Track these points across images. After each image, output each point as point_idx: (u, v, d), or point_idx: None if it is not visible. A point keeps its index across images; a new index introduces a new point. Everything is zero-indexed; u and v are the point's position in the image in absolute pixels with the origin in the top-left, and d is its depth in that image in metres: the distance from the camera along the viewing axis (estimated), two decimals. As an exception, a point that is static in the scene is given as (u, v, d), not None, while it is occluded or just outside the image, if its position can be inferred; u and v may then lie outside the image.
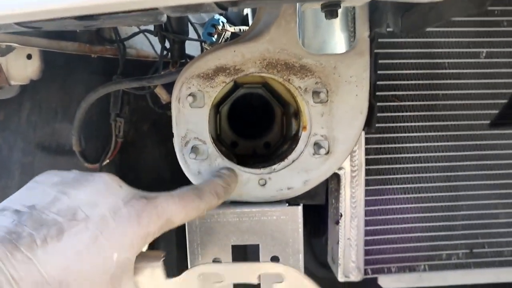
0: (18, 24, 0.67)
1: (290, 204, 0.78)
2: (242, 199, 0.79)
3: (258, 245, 0.78)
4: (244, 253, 0.78)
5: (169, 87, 1.14)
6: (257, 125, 1.00)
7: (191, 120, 0.76)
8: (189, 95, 0.76)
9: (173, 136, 0.81)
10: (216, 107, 0.96)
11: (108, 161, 1.10)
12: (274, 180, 0.78)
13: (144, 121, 1.18)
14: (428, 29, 0.94)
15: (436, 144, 0.97)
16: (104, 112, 1.12)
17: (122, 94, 1.08)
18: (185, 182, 0.78)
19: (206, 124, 0.77)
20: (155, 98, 1.13)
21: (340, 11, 0.66)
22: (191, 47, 1.16)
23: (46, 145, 1.10)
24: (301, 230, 0.78)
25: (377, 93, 0.84)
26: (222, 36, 0.97)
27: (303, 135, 0.79)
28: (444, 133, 0.97)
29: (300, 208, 0.77)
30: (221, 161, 0.77)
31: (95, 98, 0.99)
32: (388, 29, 0.75)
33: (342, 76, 0.78)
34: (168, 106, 1.12)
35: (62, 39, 1.01)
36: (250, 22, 1.25)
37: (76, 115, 1.02)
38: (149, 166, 1.19)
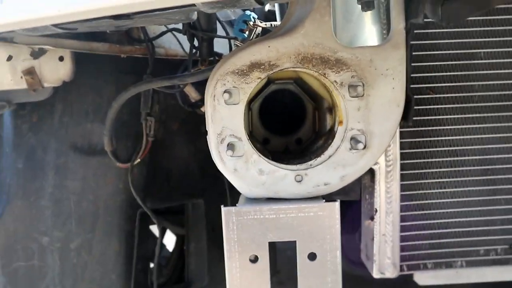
0: (55, 25, 0.68)
1: (326, 201, 0.77)
2: (279, 195, 0.78)
3: (295, 242, 0.77)
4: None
5: (197, 86, 1.14)
6: (288, 122, 1.00)
7: (227, 117, 0.76)
8: (225, 92, 0.75)
9: (205, 133, 0.81)
10: (248, 104, 0.96)
11: (139, 160, 1.11)
12: (311, 176, 0.78)
13: (173, 120, 1.19)
14: (463, 19, 0.92)
15: (473, 136, 0.94)
16: (134, 112, 1.13)
17: (153, 94, 1.09)
18: (215, 179, 0.78)
19: (242, 120, 0.76)
20: (184, 97, 1.13)
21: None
22: (218, 45, 1.16)
23: (79, 145, 1.11)
24: (338, 226, 0.77)
25: (411, 86, 0.83)
26: (254, 32, 0.96)
27: (340, 130, 0.78)
28: (481, 125, 0.94)
29: (337, 204, 0.76)
30: (257, 158, 0.77)
31: (126, 97, 0.99)
32: (425, 19, 0.73)
33: (378, 69, 0.77)
34: (197, 104, 1.12)
35: (93, 40, 1.02)
36: (278, 17, 1.24)
37: (108, 115, 1.03)
38: (179, 165, 1.20)
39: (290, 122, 1.00)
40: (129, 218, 1.15)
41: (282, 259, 1.49)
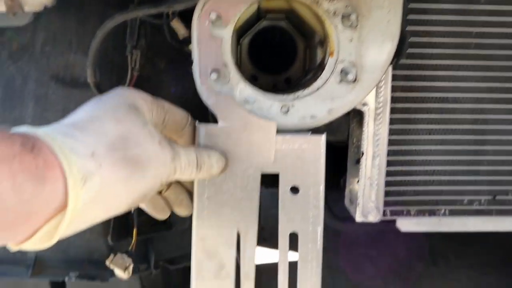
0: None
1: (312, 133, 0.75)
2: (263, 126, 0.76)
3: (277, 175, 0.75)
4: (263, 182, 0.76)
5: (186, 23, 1.09)
6: (278, 60, 0.96)
7: (213, 42, 0.73)
8: (212, 14, 0.72)
9: (190, 64, 0.78)
10: (237, 39, 0.92)
11: (123, 96, 1.07)
12: (297, 107, 0.75)
13: (160, 57, 1.14)
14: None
15: (466, 84, 0.92)
16: (119, 46, 1.08)
17: (139, 26, 1.04)
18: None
19: (229, 46, 0.73)
20: (172, 34, 1.08)
21: None
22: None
23: (60, 76, 1.07)
24: (323, 161, 0.75)
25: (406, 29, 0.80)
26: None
27: (330, 61, 0.75)
28: (476, 73, 0.92)
29: (323, 137, 0.75)
30: (243, 86, 0.74)
31: (111, 26, 0.94)
32: None
33: (374, 0, 0.73)
34: (185, 41, 1.08)
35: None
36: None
37: (92, 45, 0.98)
38: (165, 105, 1.16)
39: (281, 62, 0.97)
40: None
41: (266, 216, 1.50)
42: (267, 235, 1.55)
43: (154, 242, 1.28)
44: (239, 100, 0.73)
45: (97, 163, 0.50)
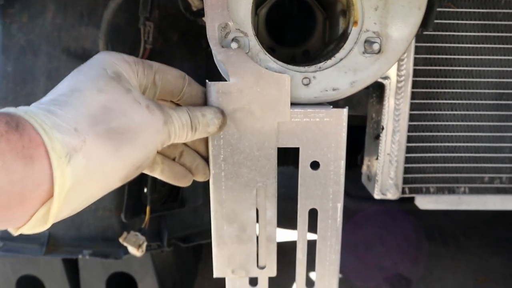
0: None
1: (334, 107, 0.73)
2: (284, 99, 0.73)
3: (298, 149, 0.73)
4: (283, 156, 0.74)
5: (200, -5, 1.06)
6: (296, 32, 0.93)
7: (233, 10, 0.70)
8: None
9: (207, 47, 0.74)
10: (254, 9, 0.89)
11: (135, 70, 1.05)
12: (319, 79, 0.72)
13: (173, 30, 1.12)
14: None
15: (491, 57, 0.89)
16: (131, 18, 1.06)
17: (152, -4, 1.01)
18: None
19: (249, 14, 0.70)
20: (186, 4, 1.05)
21: None
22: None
23: (72, 50, 1.05)
24: (344, 135, 0.73)
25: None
26: None
27: (353, 31, 0.72)
28: (502, 46, 0.89)
29: (345, 111, 0.72)
30: (263, 56, 0.71)
31: (124, -4, 0.92)
32: None
33: (401, -34, 0.70)
34: (199, 13, 1.05)
35: None
36: None
37: (104, 16, 0.96)
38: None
39: (299, 33, 0.94)
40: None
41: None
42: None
43: (167, 220, 1.28)
44: (259, 71, 0.70)
45: (80, 139, 0.48)
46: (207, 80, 0.69)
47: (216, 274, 0.75)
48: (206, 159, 0.73)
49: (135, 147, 0.53)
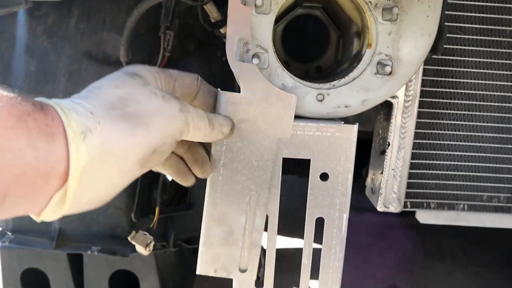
0: None
1: (345, 123, 0.77)
2: (298, 113, 0.77)
3: (309, 160, 0.77)
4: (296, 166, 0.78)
5: (219, 7, 1.11)
6: (310, 49, 0.98)
7: (256, 26, 0.74)
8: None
9: (222, 57, 0.77)
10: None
11: (153, 76, 1.09)
12: (332, 96, 0.77)
13: (191, 39, 1.16)
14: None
15: (495, 83, 0.94)
16: (152, 26, 1.10)
17: (174, 7, 1.06)
18: None
19: (270, 32, 0.75)
20: (204, 16, 1.10)
21: None
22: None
23: (93, 54, 1.09)
24: (354, 149, 0.77)
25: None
26: None
27: (367, 53, 0.76)
28: (505, 72, 0.93)
29: (355, 127, 0.76)
30: (281, 72, 0.76)
31: (148, 6, 0.96)
32: None
33: (415, -6, 0.74)
34: (217, 24, 1.09)
35: None
36: None
37: (127, 24, 1.00)
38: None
39: (312, 50, 0.99)
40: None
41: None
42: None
43: (174, 221, 1.31)
44: (277, 85, 0.74)
45: (95, 119, 0.51)
46: (219, 89, 0.73)
47: (199, 271, 0.78)
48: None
49: (150, 129, 0.55)
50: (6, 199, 0.44)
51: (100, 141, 0.50)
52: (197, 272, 0.78)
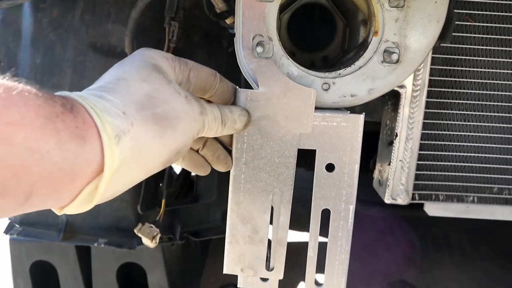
0: None
1: (351, 113, 0.76)
2: (303, 102, 0.76)
3: (314, 151, 0.76)
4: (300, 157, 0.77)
5: (224, -2, 1.10)
6: (316, 38, 0.96)
7: (260, 15, 0.73)
8: (260, -14, 0.72)
9: (227, 48, 0.77)
10: (278, 15, 0.92)
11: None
12: (338, 85, 0.76)
13: (196, 30, 1.15)
14: None
15: (506, 71, 0.91)
16: (157, 17, 1.10)
17: (178, -3, 1.05)
18: None
19: (274, 20, 0.73)
20: (209, 6, 1.09)
21: None
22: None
23: (98, 45, 1.09)
24: (360, 140, 0.76)
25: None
26: None
27: (374, 41, 0.75)
28: (516, 60, 0.91)
29: (362, 117, 0.75)
30: (286, 61, 0.75)
31: (152, -4, 0.96)
32: None
33: (423, -20, 0.73)
34: (222, 15, 1.08)
35: None
36: None
37: (131, 15, 1.00)
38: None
39: (319, 39, 0.97)
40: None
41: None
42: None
43: (180, 214, 1.31)
44: (281, 75, 0.73)
45: (128, 122, 0.51)
46: (237, 87, 0.73)
47: (226, 270, 0.78)
48: (228, 150, 0.76)
49: (176, 133, 0.57)
50: (31, 197, 0.44)
51: (132, 143, 0.51)
52: (224, 272, 0.79)
